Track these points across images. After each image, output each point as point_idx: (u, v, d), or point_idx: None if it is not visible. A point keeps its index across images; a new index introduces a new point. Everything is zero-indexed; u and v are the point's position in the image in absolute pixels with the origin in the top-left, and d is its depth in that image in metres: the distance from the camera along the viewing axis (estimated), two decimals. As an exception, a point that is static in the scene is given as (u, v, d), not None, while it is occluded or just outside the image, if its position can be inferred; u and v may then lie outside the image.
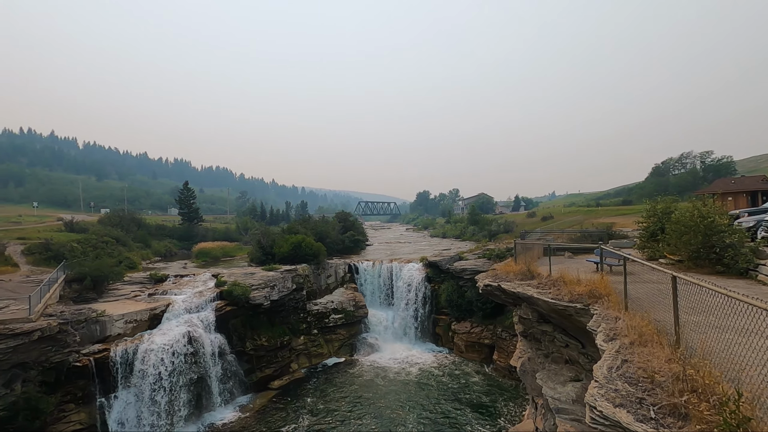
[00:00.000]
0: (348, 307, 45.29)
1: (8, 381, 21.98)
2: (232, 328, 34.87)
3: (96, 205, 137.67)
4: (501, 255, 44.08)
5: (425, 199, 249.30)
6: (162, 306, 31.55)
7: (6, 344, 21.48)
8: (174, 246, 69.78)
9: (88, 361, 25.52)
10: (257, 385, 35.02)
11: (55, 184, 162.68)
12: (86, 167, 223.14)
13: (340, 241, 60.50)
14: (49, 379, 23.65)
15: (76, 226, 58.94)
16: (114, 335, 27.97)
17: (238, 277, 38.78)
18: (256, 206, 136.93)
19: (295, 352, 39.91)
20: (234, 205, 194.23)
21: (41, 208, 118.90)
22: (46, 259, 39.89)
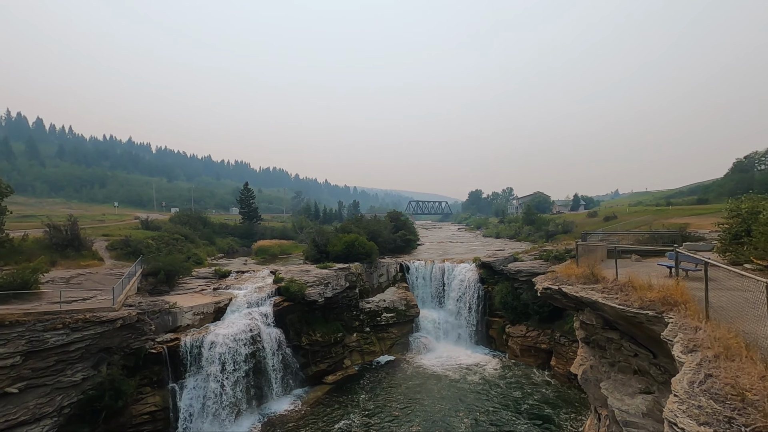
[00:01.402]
0: (400, 306, 45.45)
1: (96, 363, 24.40)
2: (289, 323, 36.24)
3: (167, 205, 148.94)
4: (560, 257, 42.13)
5: (477, 199, 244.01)
6: (225, 300, 33.50)
7: (94, 330, 23.84)
8: (235, 243, 73.83)
9: (161, 349, 27.69)
10: (312, 379, 36.15)
11: (132, 186, 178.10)
12: (158, 170, 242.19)
13: (391, 240, 60.85)
14: (129, 363, 25.95)
15: (150, 224, 64.15)
16: (184, 326, 30.12)
17: (294, 274, 40.25)
18: (310, 206, 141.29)
19: (348, 349, 40.71)
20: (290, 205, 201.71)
21: (121, 207, 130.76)
22: (126, 254, 43.77)
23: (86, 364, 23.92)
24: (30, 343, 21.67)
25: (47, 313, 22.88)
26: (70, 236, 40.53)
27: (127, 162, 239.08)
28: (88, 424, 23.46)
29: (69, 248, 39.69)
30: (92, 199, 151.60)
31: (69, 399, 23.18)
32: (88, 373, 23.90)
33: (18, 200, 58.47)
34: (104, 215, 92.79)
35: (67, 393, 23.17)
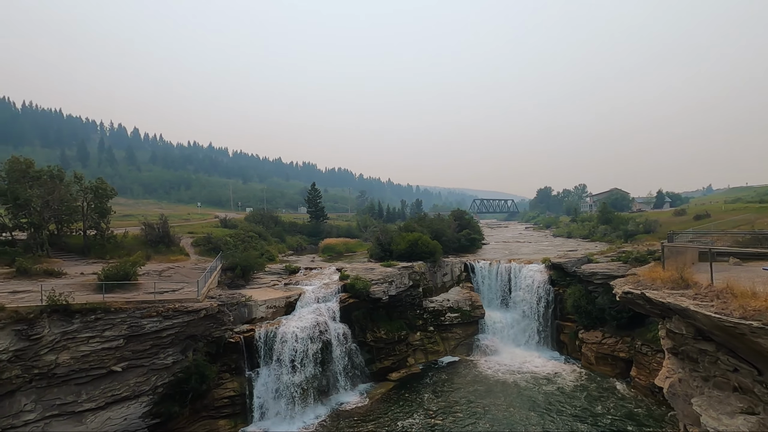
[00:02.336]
0: (464, 307, 44.66)
1: (184, 349, 26.88)
2: (355, 320, 37.15)
3: (242, 205, 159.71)
4: (641, 258, 38.79)
5: (547, 196, 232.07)
6: (295, 295, 35.18)
7: (182, 319, 26.28)
8: (304, 241, 77.20)
9: (239, 339, 29.78)
10: (377, 375, 36.75)
11: (212, 187, 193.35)
12: (235, 172, 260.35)
13: (455, 239, 59.95)
14: (211, 350, 28.26)
15: (228, 222, 69.22)
16: (258, 318, 32.12)
17: (359, 271, 41.18)
18: (374, 205, 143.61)
19: (412, 347, 40.81)
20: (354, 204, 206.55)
21: (203, 207, 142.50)
22: (208, 250, 47.64)
23: (176, 349, 26.43)
24: (130, 328, 24.41)
25: (144, 302, 25.61)
26: (162, 233, 44.97)
27: (208, 165, 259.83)
28: (178, 404, 25.86)
29: (161, 244, 44.04)
30: (179, 199, 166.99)
31: (162, 380, 25.77)
32: (177, 357, 26.40)
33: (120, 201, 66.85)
34: (189, 214, 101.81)
35: (160, 374, 25.79)
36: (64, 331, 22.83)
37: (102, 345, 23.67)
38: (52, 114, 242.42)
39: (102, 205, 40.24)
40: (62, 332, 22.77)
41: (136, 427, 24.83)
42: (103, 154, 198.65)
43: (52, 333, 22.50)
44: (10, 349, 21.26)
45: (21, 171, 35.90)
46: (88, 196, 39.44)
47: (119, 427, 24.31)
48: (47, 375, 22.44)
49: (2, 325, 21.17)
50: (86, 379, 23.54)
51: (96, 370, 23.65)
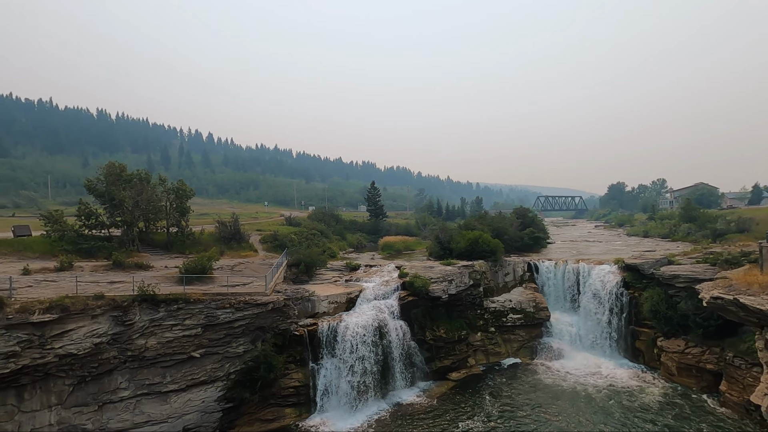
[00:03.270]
0: (527, 308, 42.98)
1: (253, 339, 28.62)
2: (414, 317, 37.22)
3: (305, 203, 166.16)
4: (733, 261, 34.86)
5: (619, 192, 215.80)
6: (356, 291, 35.99)
7: (252, 311, 27.97)
8: (363, 239, 78.64)
9: (303, 332, 31.11)
10: (436, 374, 36.55)
11: (278, 187, 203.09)
12: (298, 172, 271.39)
13: (518, 238, 57.81)
14: (278, 342, 29.78)
15: (292, 220, 72.42)
16: (321, 313, 33.31)
17: (418, 269, 41.16)
18: (432, 203, 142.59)
19: (473, 348, 40.04)
20: (413, 202, 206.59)
21: (270, 206, 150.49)
22: (275, 247, 50.22)
23: (246, 339, 28.21)
24: (207, 317, 26.42)
25: (219, 295, 27.60)
26: (233, 231, 48.15)
27: (274, 167, 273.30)
28: (248, 390, 27.58)
29: (233, 241, 47.18)
30: (248, 199, 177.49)
31: (234, 367, 27.64)
32: (247, 347, 28.16)
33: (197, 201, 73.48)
34: (257, 213, 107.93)
35: (233, 362, 27.67)
36: (151, 318, 25.27)
37: (183, 332, 25.87)
38: (140, 123, 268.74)
39: (182, 205, 43.93)
40: (150, 319, 25.22)
41: (212, 410, 26.89)
42: (183, 158, 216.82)
43: (142, 320, 25.01)
44: (109, 333, 23.95)
45: (116, 175, 40.24)
46: (170, 197, 43.26)
47: (198, 408, 26.48)
48: (138, 357, 24.99)
49: (102, 311, 23.91)
50: (170, 362, 25.89)
51: (178, 355, 25.92)
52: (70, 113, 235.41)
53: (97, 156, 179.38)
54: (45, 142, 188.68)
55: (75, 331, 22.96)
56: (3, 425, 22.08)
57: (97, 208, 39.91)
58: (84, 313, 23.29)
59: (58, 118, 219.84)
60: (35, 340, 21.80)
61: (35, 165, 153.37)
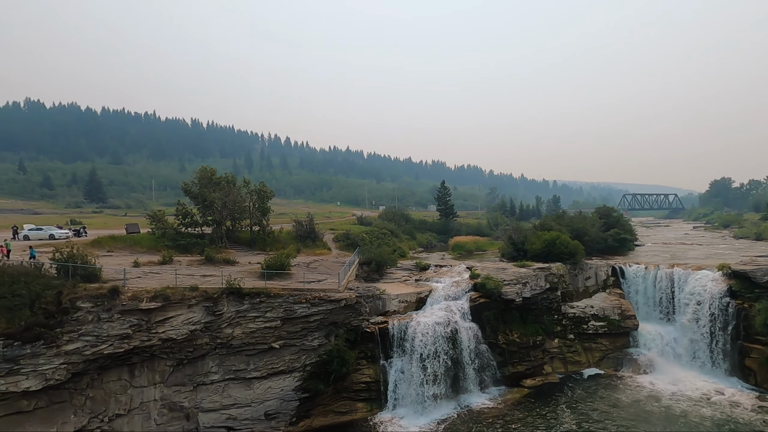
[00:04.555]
0: (612, 315, 39.79)
1: (327, 334, 29.90)
2: (485, 320, 36.26)
3: (376, 203, 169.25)
4: None
5: (724, 189, 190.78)
6: (426, 291, 35.97)
7: (326, 307, 29.24)
8: (433, 238, 78.28)
9: (374, 329, 31.81)
10: (509, 379, 35.28)
11: (349, 188, 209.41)
12: (368, 173, 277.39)
13: (601, 239, 53.71)
14: (350, 338, 30.78)
15: (364, 220, 74.30)
16: (391, 311, 33.78)
17: (490, 271, 40.02)
18: (505, 202, 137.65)
19: (549, 355, 38.03)
20: (484, 201, 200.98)
21: (342, 206, 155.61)
22: (347, 246, 51.92)
23: (321, 333, 29.55)
24: (285, 311, 28.10)
25: (296, 290, 29.22)
26: (309, 230, 50.63)
27: (346, 168, 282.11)
28: (323, 382, 28.86)
29: (308, 239, 49.63)
30: (322, 199, 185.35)
31: (310, 359, 29.10)
32: (322, 341, 29.49)
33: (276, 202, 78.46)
34: (330, 213, 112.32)
35: (308, 354, 29.15)
36: (237, 310, 27.47)
37: (264, 324, 27.79)
38: (227, 130, 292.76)
39: (264, 205, 47.14)
40: (236, 311, 27.44)
41: (290, 398, 28.58)
42: (263, 161, 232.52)
43: (230, 311, 27.29)
44: (202, 321, 26.50)
45: (207, 178, 44.33)
46: (253, 198, 46.65)
47: (277, 396, 28.30)
48: (226, 345, 27.34)
49: (196, 302, 26.52)
50: (253, 351, 27.97)
51: (260, 345, 27.91)
52: (169, 123, 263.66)
53: (191, 161, 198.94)
54: (150, 150, 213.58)
55: (174, 318, 25.73)
56: (119, 397, 25.47)
57: (191, 209, 44.25)
58: (182, 302, 26.00)
59: (160, 129, 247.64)
60: (143, 325, 24.79)
61: (143, 170, 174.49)
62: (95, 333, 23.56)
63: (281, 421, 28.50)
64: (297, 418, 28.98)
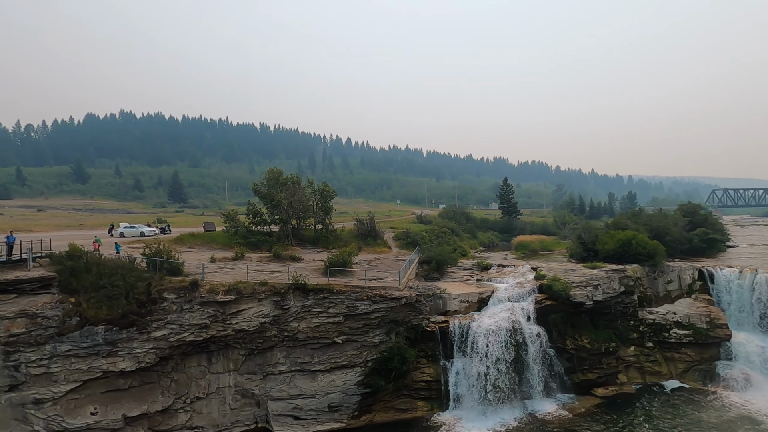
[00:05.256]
0: (698, 323, 36.13)
1: (388, 331, 30.25)
2: (552, 323, 34.59)
3: (436, 202, 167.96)
4: None
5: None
6: (488, 291, 35.07)
7: (386, 304, 29.59)
8: (495, 237, 76.13)
9: (434, 328, 31.64)
10: (578, 387, 33.35)
11: (409, 186, 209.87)
12: (428, 171, 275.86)
13: (685, 240, 48.86)
14: (411, 336, 30.87)
15: (423, 218, 74.07)
16: (452, 311, 33.38)
17: (557, 272, 38.08)
18: (573, 199, 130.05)
19: (624, 363, 35.39)
20: (550, 199, 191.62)
21: (401, 204, 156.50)
22: (407, 244, 52.11)
23: (381, 330, 29.97)
24: (348, 307, 28.86)
25: (357, 287, 29.89)
26: (370, 228, 51.52)
27: (405, 166, 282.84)
28: (384, 379, 29.21)
29: (369, 237, 50.51)
30: (382, 198, 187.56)
31: (371, 355, 29.63)
32: (382, 338, 29.90)
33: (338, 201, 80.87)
34: (390, 211, 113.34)
35: (370, 350, 29.69)
36: (302, 305, 28.70)
37: (328, 319, 28.76)
38: (291, 133, 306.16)
39: (326, 204, 48.75)
40: (301, 305, 28.67)
41: (352, 392, 29.32)
42: (325, 162, 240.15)
43: (296, 305, 28.59)
44: (270, 315, 28.03)
45: (275, 179, 46.73)
46: (317, 197, 48.41)
47: (340, 389, 29.16)
48: (292, 338, 28.67)
49: (266, 296, 28.10)
50: (317, 345, 29.06)
51: (324, 339, 28.92)
52: (240, 128, 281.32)
53: (260, 163, 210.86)
54: (224, 154, 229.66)
55: (246, 311, 27.48)
56: (198, 381, 27.76)
57: (260, 208, 46.91)
58: (252, 296, 27.70)
59: (232, 133, 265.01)
60: (219, 316, 26.78)
61: (217, 173, 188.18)
62: (179, 322, 25.87)
63: (344, 414, 29.35)
64: (359, 412, 29.67)
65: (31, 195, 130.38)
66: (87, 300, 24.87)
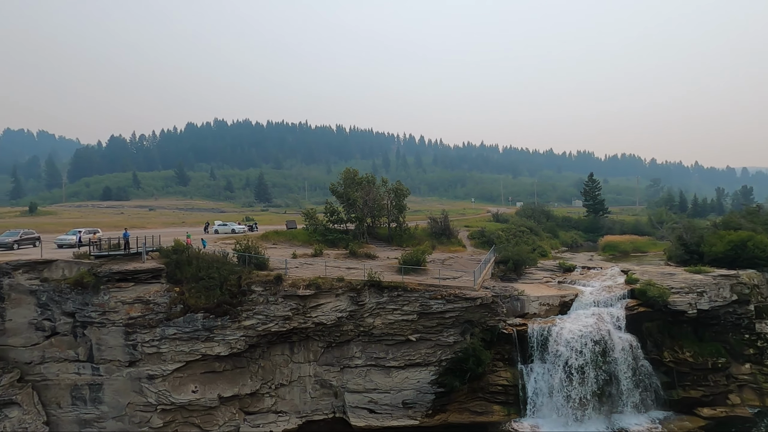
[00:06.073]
0: (837, 342, 30.49)
1: (462, 332, 29.76)
2: (646, 332, 31.51)
3: (512, 199, 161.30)
4: None
5: None
6: (571, 295, 32.92)
7: (461, 304, 29.12)
8: (579, 237, 71.19)
9: (512, 331, 30.46)
10: (678, 405, 29.98)
11: (484, 184, 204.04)
12: (504, 167, 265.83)
13: (818, 242, 41.43)
14: (486, 337, 30.03)
15: (499, 217, 71.53)
16: (530, 313, 31.89)
17: (652, 275, 34.60)
18: (672, 195, 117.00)
19: (736, 382, 31.10)
20: (643, 195, 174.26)
21: (476, 202, 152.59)
22: (482, 243, 50.75)
23: (456, 330, 29.58)
24: (421, 306, 28.90)
25: (431, 286, 29.80)
26: (443, 227, 51.01)
27: (480, 163, 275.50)
28: (458, 379, 28.79)
29: (442, 236, 50.05)
30: (455, 196, 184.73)
31: (445, 355, 29.40)
32: (457, 338, 29.50)
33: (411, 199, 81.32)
34: (464, 209, 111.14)
35: (444, 350, 29.48)
36: (377, 301, 29.33)
37: (402, 317, 29.07)
38: (366, 133, 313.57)
39: (400, 203, 49.25)
40: (376, 302, 29.31)
41: (426, 390, 29.36)
42: (399, 161, 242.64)
43: (371, 302, 29.31)
44: (347, 310, 29.06)
45: (351, 179, 48.29)
46: (390, 196, 49.10)
47: (414, 387, 29.36)
48: (368, 333, 29.45)
49: (342, 292, 29.18)
50: (391, 342, 29.52)
51: (398, 336, 29.30)
52: (318, 131, 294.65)
53: (336, 163, 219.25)
54: (303, 155, 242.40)
55: (324, 305, 28.80)
56: (282, 369, 29.72)
57: (337, 207, 48.78)
58: (330, 291, 28.93)
59: (311, 136, 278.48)
60: (300, 309, 28.38)
61: (297, 173, 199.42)
62: (265, 313, 27.90)
63: (418, 412, 29.51)
64: (433, 411, 29.63)
65: (144, 196, 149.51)
66: (189, 290, 27.84)
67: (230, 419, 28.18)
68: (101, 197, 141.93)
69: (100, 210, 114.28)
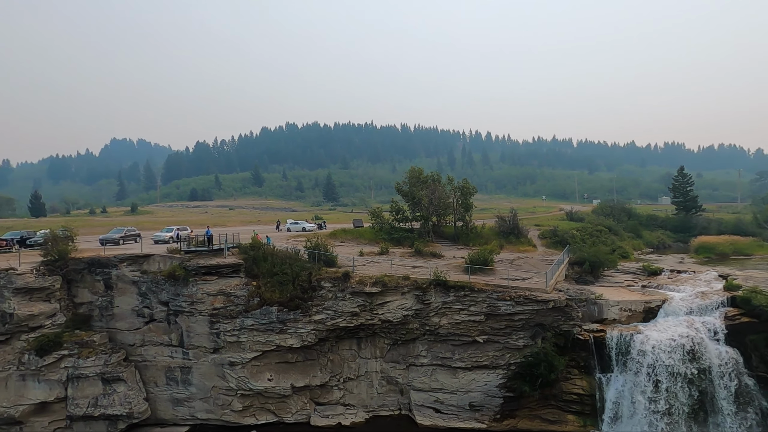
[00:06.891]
0: None
1: (533, 335, 28.47)
2: (751, 345, 27.78)
3: (588, 196, 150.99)
4: None
5: None
6: (657, 300, 30.06)
7: (531, 307, 27.87)
8: (667, 238, 64.86)
9: (588, 337, 28.52)
10: (792, 430, 26.12)
11: (556, 180, 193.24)
12: (579, 163, 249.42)
13: None
14: (559, 343, 28.36)
15: (574, 215, 67.28)
16: (609, 319, 29.61)
17: (758, 281, 30.51)
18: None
19: None
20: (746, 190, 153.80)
21: (548, 200, 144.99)
22: (554, 243, 48.14)
23: (526, 334, 28.40)
24: (489, 307, 28.14)
25: (499, 287, 28.90)
26: (512, 225, 49.18)
27: (552, 159, 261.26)
28: (528, 385, 27.54)
29: (511, 235, 48.27)
30: (525, 193, 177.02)
31: (514, 358, 28.35)
32: (527, 341, 28.31)
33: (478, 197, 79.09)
34: (534, 207, 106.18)
35: (513, 353, 28.46)
36: (443, 301, 29.06)
37: (468, 317, 28.53)
38: (431, 131, 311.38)
39: (466, 201, 48.32)
40: (443, 301, 29.05)
41: (494, 394, 28.58)
42: (465, 158, 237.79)
43: (437, 301, 29.12)
44: (413, 308, 29.15)
45: (416, 177, 48.34)
46: (456, 194, 48.35)
47: (481, 389, 28.71)
48: (433, 332, 29.31)
49: (408, 290, 29.32)
50: (458, 342, 29.10)
51: (464, 337, 28.81)
52: (383, 131, 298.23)
53: (401, 162, 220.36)
54: (369, 155, 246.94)
55: (390, 303, 29.15)
56: (350, 363, 30.63)
57: (402, 206, 49.09)
58: (396, 289, 29.22)
59: (376, 136, 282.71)
60: (367, 306, 29.00)
61: (363, 173, 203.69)
62: (333, 308, 28.93)
63: (485, 415, 28.82)
64: (501, 416, 28.74)
65: (225, 196, 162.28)
66: (264, 284, 29.73)
67: (302, 408, 29.68)
68: (188, 198, 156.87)
69: (187, 209, 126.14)
